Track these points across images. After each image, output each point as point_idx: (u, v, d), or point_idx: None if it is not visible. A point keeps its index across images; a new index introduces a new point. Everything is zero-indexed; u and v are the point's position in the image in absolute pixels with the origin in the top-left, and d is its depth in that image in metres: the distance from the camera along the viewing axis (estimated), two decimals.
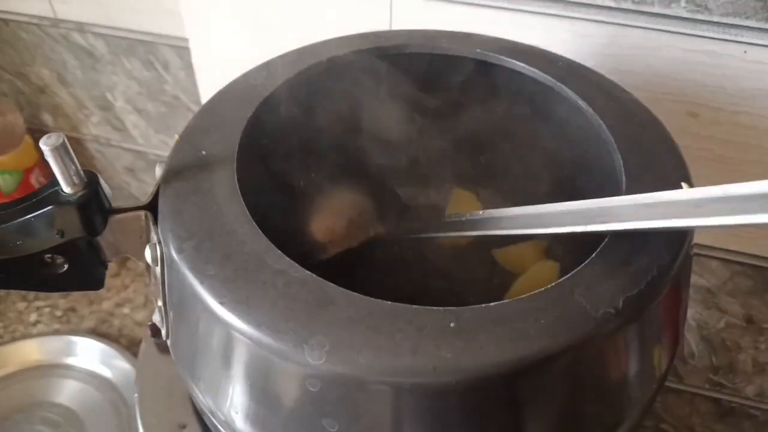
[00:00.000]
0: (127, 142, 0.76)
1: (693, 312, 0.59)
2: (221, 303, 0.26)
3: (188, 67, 0.65)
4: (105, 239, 0.32)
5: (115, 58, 0.68)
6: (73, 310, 0.80)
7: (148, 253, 0.31)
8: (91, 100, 0.73)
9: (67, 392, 0.72)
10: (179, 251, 0.28)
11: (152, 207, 0.31)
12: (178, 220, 0.29)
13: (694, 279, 0.57)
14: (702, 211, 0.24)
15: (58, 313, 0.79)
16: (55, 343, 0.76)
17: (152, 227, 0.31)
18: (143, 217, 0.32)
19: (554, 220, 0.29)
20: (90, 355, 0.75)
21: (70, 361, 0.75)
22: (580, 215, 0.28)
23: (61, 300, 0.81)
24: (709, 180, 0.50)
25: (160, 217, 0.30)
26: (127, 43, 0.66)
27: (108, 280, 0.82)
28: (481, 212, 0.35)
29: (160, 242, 0.30)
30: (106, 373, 0.74)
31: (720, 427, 0.66)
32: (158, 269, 0.31)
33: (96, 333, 0.77)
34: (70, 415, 0.70)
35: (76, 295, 0.81)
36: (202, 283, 0.27)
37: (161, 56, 0.66)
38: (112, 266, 0.83)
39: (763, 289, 0.55)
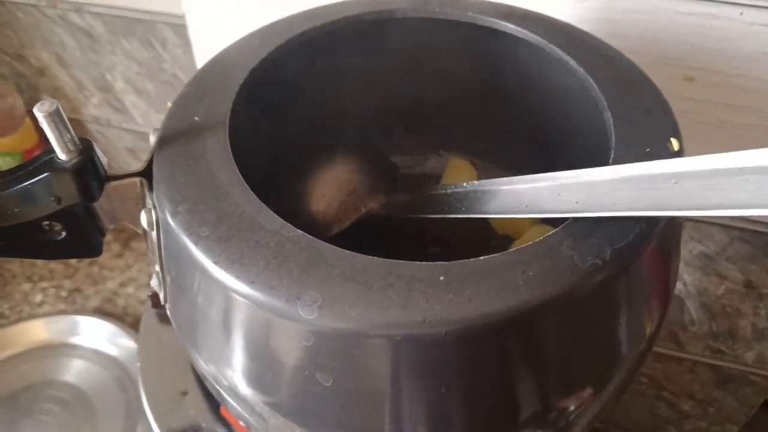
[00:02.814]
0: (127, 123, 0.77)
1: (692, 279, 0.59)
2: (216, 263, 0.27)
3: (186, 45, 0.65)
4: (102, 206, 0.32)
5: (113, 37, 0.68)
6: (78, 290, 0.81)
7: (143, 218, 0.31)
8: (91, 81, 0.73)
9: (74, 371, 0.73)
10: (174, 214, 0.29)
11: (147, 173, 0.32)
12: (172, 185, 0.30)
13: (693, 245, 0.57)
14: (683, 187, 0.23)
15: (63, 293, 0.80)
16: (60, 323, 0.76)
17: (147, 193, 0.32)
18: (138, 184, 0.32)
19: (534, 202, 0.30)
20: (95, 334, 0.76)
21: (75, 340, 0.76)
22: (556, 190, 0.28)
23: (66, 280, 0.81)
24: (708, 144, 0.50)
25: (154, 182, 0.31)
26: (125, 22, 0.66)
27: (112, 261, 0.83)
28: (464, 184, 0.35)
29: (155, 207, 0.30)
30: (112, 351, 0.74)
31: (720, 394, 0.66)
32: (154, 234, 0.31)
33: (101, 312, 0.78)
34: (78, 392, 0.71)
35: (80, 275, 0.82)
36: (196, 244, 0.27)
37: (159, 34, 0.66)
38: (115, 247, 0.84)
39: (762, 254, 0.55)
